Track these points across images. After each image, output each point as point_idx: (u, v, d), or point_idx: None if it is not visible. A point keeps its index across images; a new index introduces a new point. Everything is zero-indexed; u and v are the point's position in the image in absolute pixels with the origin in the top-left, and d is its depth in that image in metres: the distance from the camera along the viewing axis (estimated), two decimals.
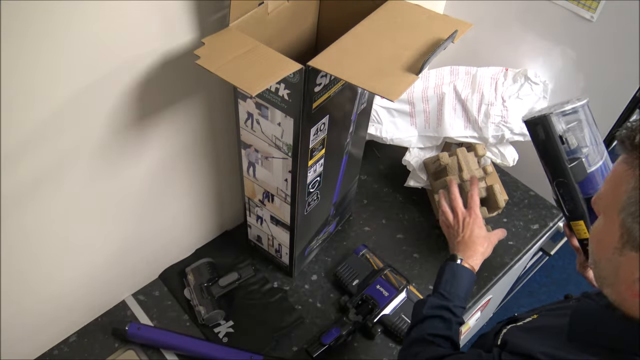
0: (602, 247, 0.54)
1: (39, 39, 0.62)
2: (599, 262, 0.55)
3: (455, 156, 1.14)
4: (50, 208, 0.79)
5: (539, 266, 2.02)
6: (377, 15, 0.77)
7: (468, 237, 0.90)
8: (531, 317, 0.67)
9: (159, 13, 0.72)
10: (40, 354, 0.97)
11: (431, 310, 0.79)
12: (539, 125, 0.79)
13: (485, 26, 1.30)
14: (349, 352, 1.01)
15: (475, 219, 0.92)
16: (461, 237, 0.91)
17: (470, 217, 0.92)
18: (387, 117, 1.23)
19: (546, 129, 0.78)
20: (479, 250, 0.88)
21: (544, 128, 0.78)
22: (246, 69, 0.66)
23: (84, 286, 0.96)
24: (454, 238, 0.92)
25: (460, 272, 0.84)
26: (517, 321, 0.68)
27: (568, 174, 0.79)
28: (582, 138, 0.79)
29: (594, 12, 1.08)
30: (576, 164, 0.78)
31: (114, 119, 0.78)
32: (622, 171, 0.50)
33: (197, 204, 1.07)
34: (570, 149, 0.78)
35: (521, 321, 0.67)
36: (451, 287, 0.82)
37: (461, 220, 0.93)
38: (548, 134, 0.78)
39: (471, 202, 0.94)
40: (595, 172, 0.80)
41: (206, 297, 1.02)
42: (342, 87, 0.82)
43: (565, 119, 0.79)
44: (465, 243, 0.89)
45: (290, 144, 0.81)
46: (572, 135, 0.78)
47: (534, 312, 0.70)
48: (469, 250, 0.88)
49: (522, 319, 0.68)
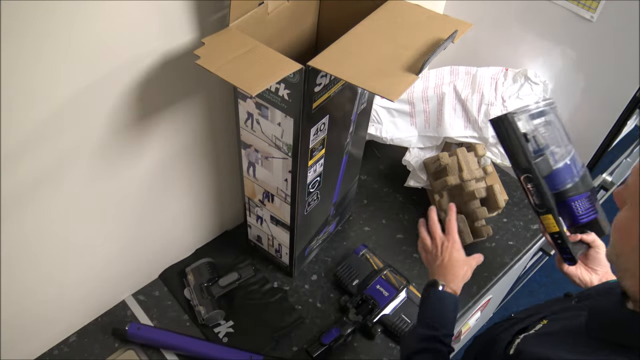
0: (629, 237, 0.53)
1: (39, 39, 0.62)
2: (621, 254, 0.54)
3: (455, 156, 1.14)
4: (50, 208, 0.79)
5: (539, 266, 2.02)
6: (377, 15, 0.77)
7: (447, 261, 0.88)
8: (541, 323, 0.66)
9: (159, 13, 0.72)
10: (40, 354, 0.97)
11: (422, 343, 0.78)
12: (501, 123, 0.83)
13: (485, 26, 1.30)
14: (349, 352, 1.01)
15: (453, 244, 0.90)
16: (440, 261, 0.89)
17: (449, 241, 0.91)
18: (387, 117, 1.23)
19: (508, 127, 0.82)
20: (459, 274, 0.87)
21: (506, 126, 0.82)
22: (246, 69, 0.66)
23: (84, 286, 0.96)
24: (433, 262, 0.91)
25: (443, 298, 0.83)
26: (526, 329, 0.67)
27: (534, 169, 0.82)
28: (547, 136, 0.83)
29: (594, 12, 1.08)
30: (541, 160, 0.82)
31: (114, 119, 0.78)
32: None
33: (197, 204, 1.07)
34: (536, 146, 0.82)
35: (532, 329, 0.66)
36: (438, 316, 0.81)
37: (439, 245, 0.91)
38: (510, 131, 0.82)
39: (449, 227, 0.93)
40: (562, 168, 0.83)
41: (206, 297, 1.02)
42: (342, 87, 0.82)
43: (531, 118, 0.83)
44: (444, 267, 0.88)
45: (290, 144, 0.81)
46: (537, 133, 0.82)
47: (538, 314, 0.70)
48: (449, 274, 0.86)
49: (531, 327, 0.66)
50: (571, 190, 0.84)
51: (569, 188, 0.84)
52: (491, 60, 1.32)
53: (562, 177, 0.84)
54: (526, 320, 0.72)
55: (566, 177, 0.84)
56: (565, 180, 0.84)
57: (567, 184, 0.84)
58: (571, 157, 0.85)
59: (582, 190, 0.84)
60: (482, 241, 1.20)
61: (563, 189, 0.84)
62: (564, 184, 0.84)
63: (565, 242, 0.87)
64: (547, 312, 0.71)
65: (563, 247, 0.88)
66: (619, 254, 0.55)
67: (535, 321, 0.68)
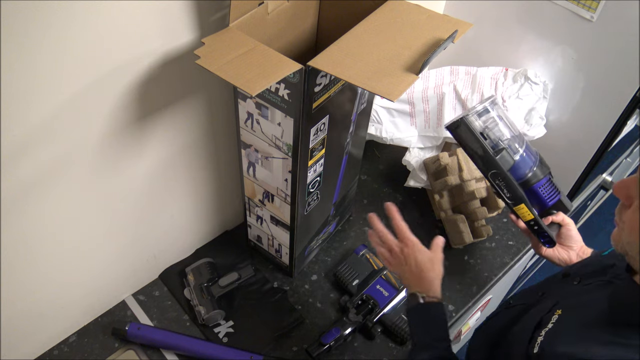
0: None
1: (39, 38, 0.62)
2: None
3: (455, 156, 1.14)
4: (50, 208, 0.79)
5: (539, 266, 2.02)
6: (377, 15, 0.77)
7: (415, 267, 0.83)
8: (555, 314, 0.66)
9: (159, 13, 0.72)
10: (40, 354, 0.97)
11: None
12: (459, 127, 0.87)
13: (485, 26, 1.30)
14: (349, 352, 1.01)
15: (413, 246, 0.85)
16: (408, 270, 0.84)
17: (407, 245, 0.85)
18: (387, 117, 1.23)
19: (467, 129, 0.86)
20: (431, 276, 0.83)
21: (465, 128, 0.87)
22: (246, 69, 0.66)
23: (84, 286, 0.96)
24: (402, 273, 0.86)
25: (428, 310, 0.80)
26: (542, 324, 0.66)
27: (498, 164, 0.87)
28: (500, 131, 0.89)
29: (594, 12, 1.08)
30: (502, 155, 0.87)
31: (114, 118, 0.78)
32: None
33: (197, 204, 1.07)
34: (493, 143, 0.88)
35: (549, 323, 0.65)
36: (431, 331, 0.79)
37: (399, 253, 0.85)
38: (469, 132, 0.87)
39: (399, 231, 0.87)
40: (521, 159, 0.89)
41: (206, 297, 1.02)
42: (342, 87, 0.82)
43: (481, 117, 0.88)
44: (415, 275, 0.83)
45: (290, 144, 0.81)
46: (491, 130, 0.88)
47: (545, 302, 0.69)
48: (423, 282, 0.82)
49: (546, 320, 0.66)
50: (533, 177, 0.90)
51: (530, 176, 0.90)
52: (491, 60, 1.32)
53: (523, 167, 0.90)
54: (532, 310, 0.72)
55: (526, 167, 0.90)
56: (526, 170, 0.90)
57: (528, 173, 0.90)
58: (525, 147, 0.90)
59: (541, 175, 0.90)
60: (482, 241, 1.20)
61: (526, 177, 0.90)
62: (526, 173, 0.90)
63: (541, 226, 0.92)
64: (552, 297, 0.71)
65: (541, 231, 0.93)
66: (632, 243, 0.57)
67: (547, 313, 0.67)
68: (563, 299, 0.69)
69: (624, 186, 0.58)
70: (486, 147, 0.86)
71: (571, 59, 1.19)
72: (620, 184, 0.58)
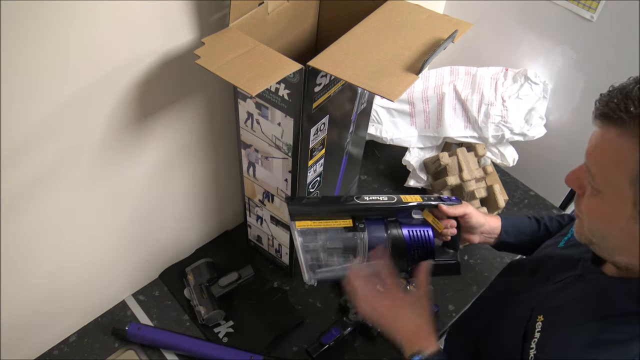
0: (610, 221, 0.56)
1: (39, 38, 0.62)
2: (608, 235, 0.57)
3: (455, 156, 1.14)
4: (50, 208, 0.79)
5: None
6: (377, 15, 0.77)
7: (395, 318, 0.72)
8: (537, 320, 0.64)
9: (160, 13, 0.72)
10: (40, 354, 0.97)
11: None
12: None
13: (485, 26, 1.30)
14: (349, 352, 1.01)
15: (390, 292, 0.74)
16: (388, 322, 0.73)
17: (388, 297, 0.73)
18: (387, 117, 1.23)
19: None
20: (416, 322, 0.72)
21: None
22: (246, 69, 0.66)
23: (84, 286, 0.96)
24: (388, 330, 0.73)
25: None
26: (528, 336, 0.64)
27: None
28: (326, 255, 0.79)
29: (594, 12, 1.08)
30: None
31: (114, 118, 0.78)
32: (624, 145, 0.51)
33: (197, 204, 1.07)
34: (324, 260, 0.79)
35: (535, 332, 0.63)
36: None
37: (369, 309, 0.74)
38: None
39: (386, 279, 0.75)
40: (372, 242, 0.78)
41: (206, 297, 1.02)
42: (342, 87, 0.82)
43: (311, 270, 0.78)
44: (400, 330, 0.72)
45: (290, 144, 0.81)
46: (319, 258, 0.79)
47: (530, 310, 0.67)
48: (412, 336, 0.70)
49: (530, 329, 0.64)
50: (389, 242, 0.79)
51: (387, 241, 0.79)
52: (491, 60, 1.32)
53: (380, 247, 0.78)
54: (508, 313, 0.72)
55: (379, 243, 0.78)
56: (382, 242, 0.78)
57: (381, 244, 0.78)
58: (328, 237, 0.79)
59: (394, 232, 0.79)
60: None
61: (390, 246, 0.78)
62: (385, 244, 0.78)
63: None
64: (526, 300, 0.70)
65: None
66: (604, 236, 0.58)
67: (528, 321, 0.66)
68: (540, 302, 0.68)
69: (575, 177, 0.59)
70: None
71: (571, 59, 1.19)
72: (571, 174, 0.60)
